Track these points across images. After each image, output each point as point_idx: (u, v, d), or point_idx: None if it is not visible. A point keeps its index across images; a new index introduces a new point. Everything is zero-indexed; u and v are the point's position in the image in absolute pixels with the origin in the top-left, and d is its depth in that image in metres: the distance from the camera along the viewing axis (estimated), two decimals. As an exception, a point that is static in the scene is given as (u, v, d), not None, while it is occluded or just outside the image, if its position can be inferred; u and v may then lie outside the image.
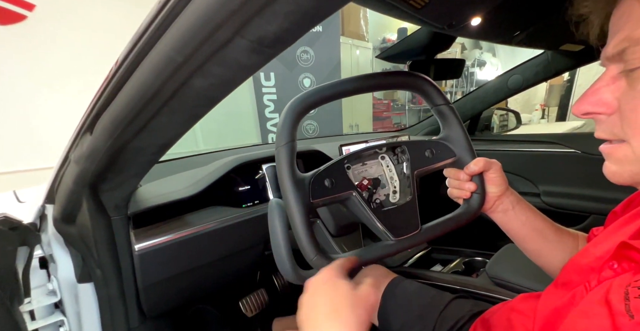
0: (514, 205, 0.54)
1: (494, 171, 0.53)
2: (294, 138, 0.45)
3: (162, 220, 0.74)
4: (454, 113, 0.54)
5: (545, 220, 0.54)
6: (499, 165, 0.53)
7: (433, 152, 0.54)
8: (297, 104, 0.45)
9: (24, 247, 0.64)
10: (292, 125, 0.45)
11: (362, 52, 3.75)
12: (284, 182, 0.44)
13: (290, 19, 0.29)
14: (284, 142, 0.44)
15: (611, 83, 0.33)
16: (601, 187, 1.13)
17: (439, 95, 0.53)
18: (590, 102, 0.34)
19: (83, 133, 0.51)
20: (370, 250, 0.49)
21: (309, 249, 0.44)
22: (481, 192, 0.53)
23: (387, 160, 0.53)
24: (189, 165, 0.96)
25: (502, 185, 0.53)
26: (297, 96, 0.46)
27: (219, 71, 0.35)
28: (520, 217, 0.54)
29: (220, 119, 2.81)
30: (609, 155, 0.35)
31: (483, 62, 4.71)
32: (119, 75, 0.40)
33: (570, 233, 0.55)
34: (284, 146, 0.44)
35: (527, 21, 0.80)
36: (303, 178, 0.45)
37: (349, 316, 0.35)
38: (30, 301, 0.68)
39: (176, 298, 0.86)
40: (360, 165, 0.52)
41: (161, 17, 0.31)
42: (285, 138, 0.44)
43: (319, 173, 0.46)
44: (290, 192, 0.43)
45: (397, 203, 0.52)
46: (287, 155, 0.44)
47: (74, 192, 0.59)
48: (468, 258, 1.18)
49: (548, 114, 4.67)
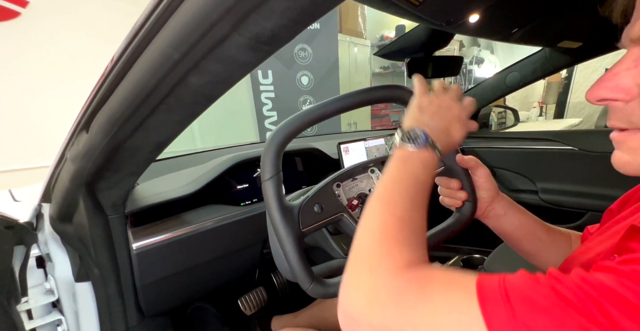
0: (506, 210, 0.54)
1: (481, 176, 0.53)
2: (279, 170, 0.45)
3: (159, 218, 0.73)
4: None
5: (537, 222, 0.54)
6: (487, 170, 0.53)
7: None
8: (277, 135, 0.45)
9: (21, 246, 0.64)
10: (276, 157, 0.45)
11: (360, 49, 3.74)
12: (273, 215, 0.44)
13: (287, 15, 0.28)
14: (269, 175, 0.44)
15: (633, 67, 0.30)
16: (598, 184, 1.13)
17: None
18: (607, 87, 0.31)
19: (79, 131, 0.51)
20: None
21: (304, 278, 0.44)
22: (472, 200, 0.53)
23: (377, 173, 0.54)
24: (186, 163, 0.96)
25: (491, 190, 0.53)
26: (277, 127, 0.46)
27: (215, 68, 0.35)
28: (513, 221, 0.54)
29: (218, 117, 2.79)
30: (622, 143, 0.33)
31: (481, 60, 4.71)
32: (114, 73, 0.39)
33: (563, 233, 0.55)
34: (270, 180, 0.44)
35: (525, 18, 0.80)
36: (292, 208, 0.46)
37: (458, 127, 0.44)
38: (28, 300, 0.68)
39: (175, 297, 0.86)
40: (351, 181, 0.52)
41: (157, 13, 0.31)
42: (270, 171, 0.44)
43: (307, 200, 0.47)
44: (280, 223, 0.44)
45: None
46: (274, 189, 0.44)
47: (70, 190, 0.58)
48: (466, 255, 1.18)
49: (546, 112, 4.68)
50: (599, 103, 0.33)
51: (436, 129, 0.42)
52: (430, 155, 0.40)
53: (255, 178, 0.91)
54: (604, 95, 0.32)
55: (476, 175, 0.53)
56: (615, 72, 0.31)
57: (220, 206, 0.83)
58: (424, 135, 0.40)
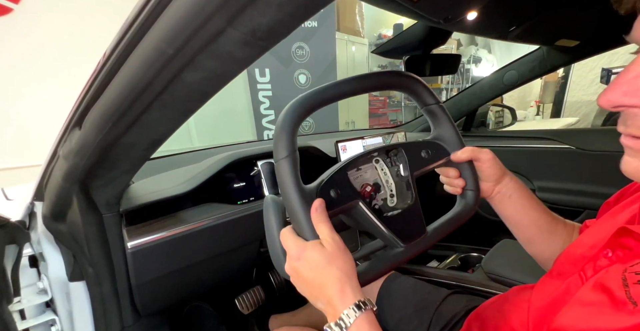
0: (512, 193, 0.53)
1: (484, 161, 0.52)
2: (296, 148, 0.40)
3: (155, 217, 0.73)
4: (445, 112, 0.54)
5: (541, 210, 0.54)
6: (490, 155, 0.52)
7: (429, 152, 0.53)
8: (295, 108, 0.41)
9: (13, 245, 0.63)
10: (292, 132, 0.40)
11: (358, 48, 3.74)
12: (291, 198, 0.40)
13: (284, 10, 0.28)
14: (285, 153, 0.40)
15: None
16: (595, 182, 1.14)
17: (430, 95, 0.52)
18: (627, 92, 0.27)
19: (72, 128, 0.50)
20: (381, 260, 0.46)
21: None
22: (474, 188, 0.53)
23: (382, 163, 0.52)
24: (183, 162, 0.95)
25: (494, 175, 0.52)
26: (294, 100, 0.41)
27: (211, 64, 0.34)
28: (516, 205, 0.53)
29: (215, 116, 2.78)
30: (636, 151, 0.30)
31: (479, 59, 4.72)
32: (107, 68, 0.39)
33: (566, 225, 0.55)
34: (285, 158, 0.40)
35: (522, 16, 0.80)
36: (310, 191, 0.42)
37: (333, 276, 0.37)
38: (20, 300, 0.67)
39: (171, 296, 0.85)
40: (355, 171, 0.49)
41: (150, 6, 0.30)
42: (286, 149, 0.40)
43: (324, 183, 0.43)
44: (299, 208, 0.40)
45: (396, 207, 0.50)
46: (291, 168, 0.40)
47: (63, 188, 0.58)
48: (464, 253, 1.18)
49: (543, 111, 4.70)
50: (615, 109, 0.29)
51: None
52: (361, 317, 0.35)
53: (252, 176, 0.90)
54: (622, 101, 0.28)
55: (479, 162, 0.53)
56: (636, 74, 0.27)
57: (216, 204, 0.82)
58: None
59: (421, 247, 0.48)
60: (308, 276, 0.38)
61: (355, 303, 0.35)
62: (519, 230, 0.55)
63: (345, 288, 0.36)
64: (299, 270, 0.39)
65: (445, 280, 0.90)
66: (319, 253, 0.38)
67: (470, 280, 0.88)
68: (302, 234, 0.41)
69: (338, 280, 0.37)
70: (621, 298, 0.27)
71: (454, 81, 4.67)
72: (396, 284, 0.75)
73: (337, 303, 0.36)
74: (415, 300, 0.70)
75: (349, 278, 0.38)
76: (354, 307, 0.35)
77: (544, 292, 0.44)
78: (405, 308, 0.69)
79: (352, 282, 0.38)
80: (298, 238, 0.40)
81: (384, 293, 0.74)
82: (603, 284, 0.31)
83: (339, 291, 0.36)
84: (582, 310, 0.32)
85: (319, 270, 0.37)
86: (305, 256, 0.38)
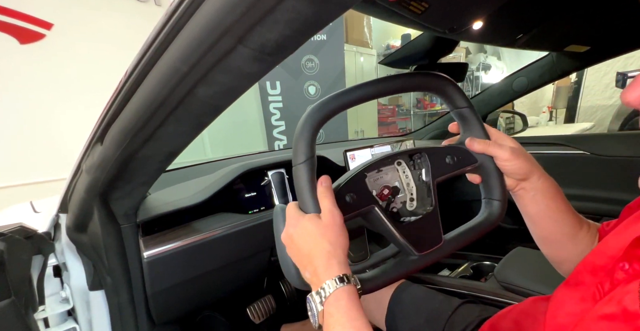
0: (536, 193, 0.50)
1: (503, 159, 0.49)
2: (314, 153, 0.41)
3: (170, 227, 0.75)
4: (476, 117, 0.51)
5: (567, 212, 0.50)
6: (507, 154, 0.48)
7: (454, 158, 0.50)
8: (315, 113, 0.40)
9: (39, 255, 0.66)
10: (311, 138, 0.40)
11: (366, 58, 3.78)
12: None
13: (291, 26, 0.29)
14: (304, 158, 0.40)
15: None
16: (612, 188, 1.10)
17: (462, 97, 0.50)
18: None
19: (94, 143, 0.53)
20: (392, 267, 0.46)
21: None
22: (500, 199, 0.50)
23: (404, 166, 0.50)
24: (196, 173, 0.97)
25: (517, 174, 0.49)
26: (314, 105, 0.41)
27: (222, 79, 0.36)
28: (540, 205, 0.50)
29: (228, 128, 2.84)
30: None
31: (488, 66, 4.69)
32: (127, 86, 0.41)
33: (590, 228, 0.51)
34: (303, 163, 0.40)
35: (529, 23, 0.80)
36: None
37: (322, 248, 0.38)
38: (45, 308, 0.70)
39: (184, 305, 0.86)
40: (376, 172, 0.48)
41: (167, 29, 0.33)
42: (304, 154, 0.40)
43: (340, 189, 0.43)
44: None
45: (415, 212, 0.49)
46: (308, 173, 0.40)
47: (85, 201, 0.60)
48: (476, 262, 1.16)
49: (556, 116, 4.60)
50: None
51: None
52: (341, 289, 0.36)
53: (263, 186, 0.92)
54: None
55: (498, 160, 0.49)
56: None
57: (228, 214, 0.84)
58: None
59: (435, 256, 0.47)
60: (300, 244, 0.40)
61: (339, 276, 0.37)
62: (538, 228, 0.52)
63: (332, 261, 0.38)
64: (293, 236, 0.41)
65: (457, 289, 0.88)
66: (314, 224, 0.39)
67: (482, 289, 0.86)
68: (304, 207, 0.42)
69: (326, 252, 0.38)
70: (635, 312, 0.27)
71: (463, 88, 4.64)
72: (407, 293, 0.74)
73: (321, 273, 0.37)
74: (426, 310, 0.69)
75: (337, 252, 0.39)
76: (337, 279, 0.36)
77: (560, 304, 0.43)
78: (417, 318, 0.68)
79: (340, 257, 0.39)
80: (300, 210, 0.42)
81: (394, 303, 0.73)
82: (619, 299, 0.31)
83: (325, 263, 0.38)
84: (596, 326, 0.31)
85: (310, 240, 0.39)
86: (301, 225, 0.40)
